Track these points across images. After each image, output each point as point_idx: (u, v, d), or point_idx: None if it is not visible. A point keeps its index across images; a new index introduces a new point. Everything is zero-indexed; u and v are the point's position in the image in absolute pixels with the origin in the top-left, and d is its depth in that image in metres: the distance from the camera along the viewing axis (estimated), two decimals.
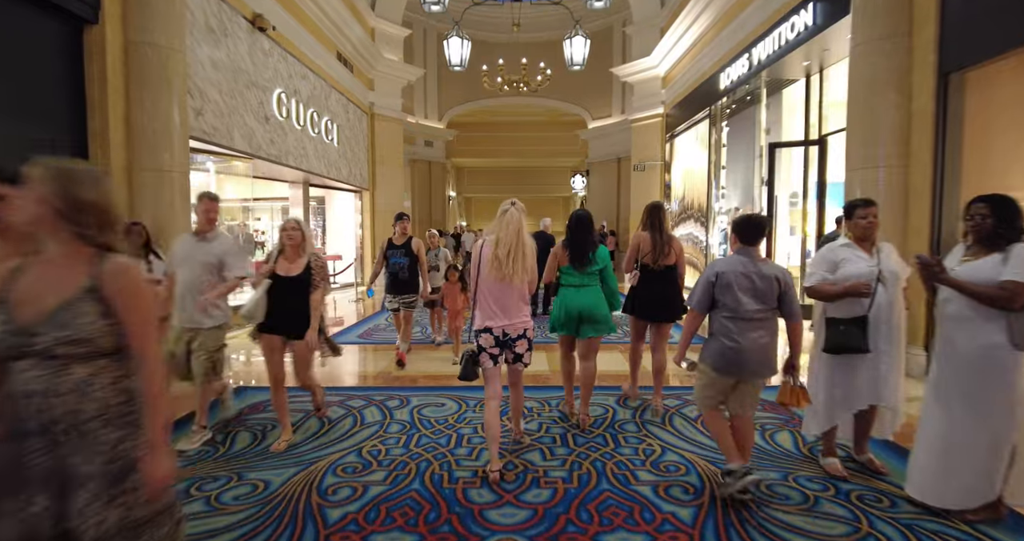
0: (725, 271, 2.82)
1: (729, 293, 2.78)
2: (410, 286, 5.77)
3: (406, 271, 5.70)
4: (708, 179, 10.64)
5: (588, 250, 3.77)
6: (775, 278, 2.80)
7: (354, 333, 7.64)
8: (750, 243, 2.87)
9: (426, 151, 19.64)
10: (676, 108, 12.68)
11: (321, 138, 10.50)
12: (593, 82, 19.16)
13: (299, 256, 3.57)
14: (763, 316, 2.79)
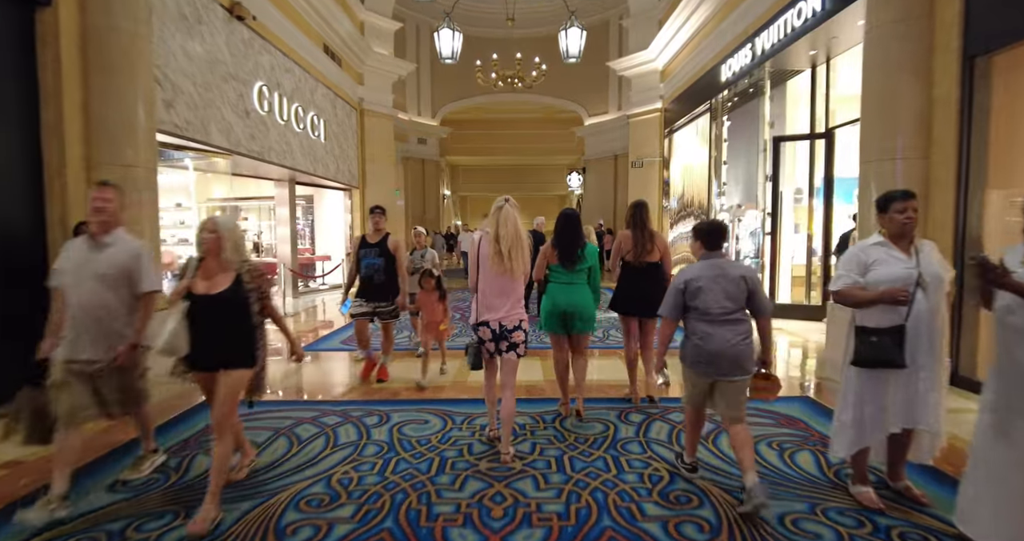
0: (693, 278, 2.88)
1: (699, 298, 2.85)
2: (387, 291, 4.99)
3: (382, 274, 4.95)
4: (709, 175, 10.25)
5: (576, 248, 3.82)
6: (742, 277, 2.84)
7: (338, 338, 7.22)
8: (714, 248, 2.94)
9: (419, 149, 19.21)
10: (675, 102, 12.28)
11: (307, 134, 10.07)
12: (589, 78, 18.76)
13: (223, 268, 2.76)
14: (734, 317, 2.82)
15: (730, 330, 2.80)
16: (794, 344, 6.73)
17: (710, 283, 2.82)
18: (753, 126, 9.26)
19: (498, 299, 3.27)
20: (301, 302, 10.57)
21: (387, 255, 4.95)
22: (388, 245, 4.97)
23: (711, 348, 2.80)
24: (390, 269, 4.97)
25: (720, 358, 2.79)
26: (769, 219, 8.46)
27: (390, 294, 5.00)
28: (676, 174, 12.38)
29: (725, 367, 2.81)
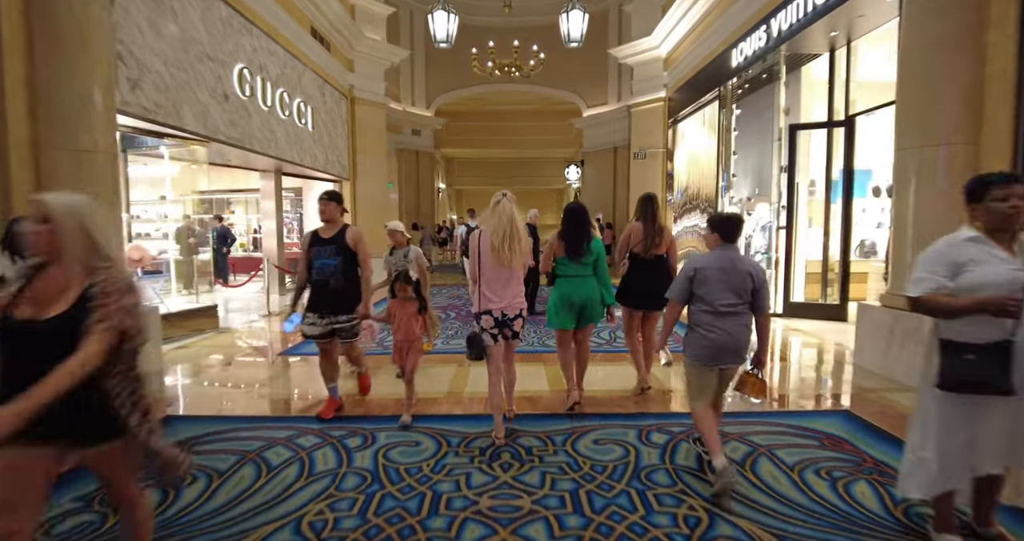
0: (703, 267, 2.89)
1: (706, 287, 2.87)
2: (346, 301, 3.81)
3: (340, 277, 3.77)
4: (716, 167, 9.72)
5: (583, 241, 3.83)
6: (749, 274, 2.86)
7: None
8: (730, 240, 2.94)
9: (413, 140, 18.58)
10: (679, 91, 11.72)
11: (293, 121, 9.46)
12: (588, 68, 18.17)
13: (64, 281, 1.72)
14: (736, 310, 2.86)
15: (732, 321, 2.86)
16: (815, 346, 6.23)
17: (718, 274, 2.85)
18: (765, 114, 8.73)
19: (500, 290, 3.41)
20: (288, 299, 9.99)
21: (345, 253, 3.80)
22: (347, 240, 3.80)
23: (714, 338, 2.86)
24: (350, 271, 3.83)
25: (722, 348, 2.86)
26: (784, 213, 7.94)
27: (351, 304, 3.83)
28: (680, 166, 11.85)
29: (725, 357, 2.88)
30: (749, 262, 2.95)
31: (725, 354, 2.88)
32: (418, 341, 3.86)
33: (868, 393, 4.42)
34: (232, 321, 7.91)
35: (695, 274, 2.90)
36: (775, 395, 4.56)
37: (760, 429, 3.62)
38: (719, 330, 2.85)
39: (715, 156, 9.94)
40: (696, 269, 2.90)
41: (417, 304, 3.85)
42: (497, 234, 3.32)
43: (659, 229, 4.26)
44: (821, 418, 3.86)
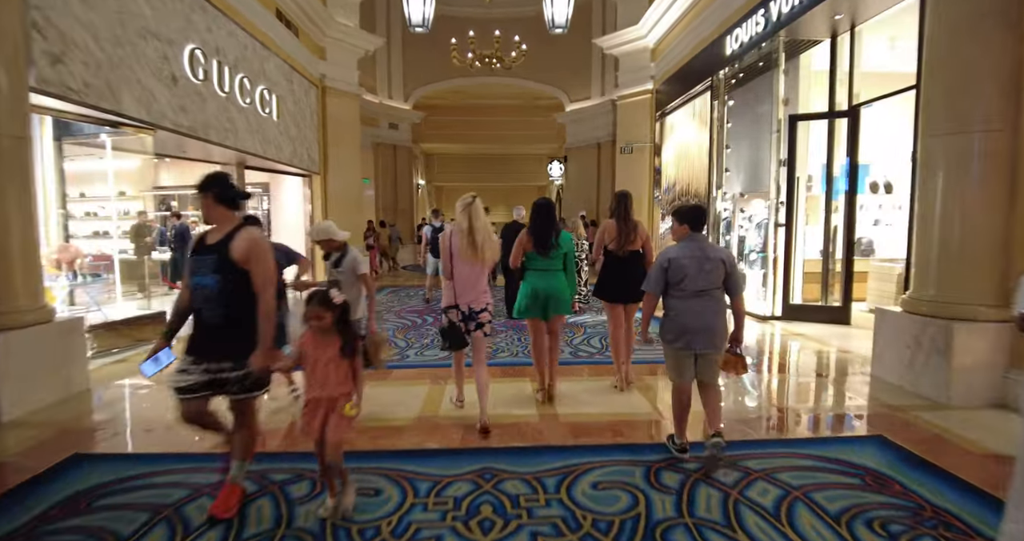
0: (677, 257, 2.96)
1: (680, 275, 2.94)
2: (231, 341, 2.50)
3: (217, 307, 2.50)
4: (709, 161, 9.19)
5: (551, 236, 3.90)
6: (721, 260, 2.95)
7: None
8: (696, 229, 3.03)
9: (391, 134, 17.80)
10: (667, 83, 11.18)
11: (255, 110, 8.67)
12: (571, 61, 17.58)
13: None
14: (709, 294, 2.94)
15: (704, 306, 2.93)
16: (822, 353, 5.70)
17: (692, 262, 2.92)
18: (761, 105, 8.21)
19: (468, 285, 3.56)
20: None
21: (228, 270, 2.46)
22: (231, 252, 2.46)
23: (687, 322, 2.94)
24: (235, 298, 2.48)
25: (695, 332, 2.93)
26: (782, 209, 7.43)
27: (240, 348, 2.47)
28: (668, 161, 11.31)
29: (700, 341, 2.94)
30: (719, 249, 3.07)
31: (698, 337, 2.94)
32: (342, 400, 2.45)
33: (898, 413, 3.88)
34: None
35: (670, 265, 2.96)
36: (796, 415, 4.01)
37: (787, 464, 3.05)
38: (692, 314, 2.94)
39: (706, 150, 9.41)
40: (670, 259, 2.97)
41: (340, 340, 2.48)
42: (472, 232, 3.49)
43: (633, 226, 4.32)
44: (854, 447, 3.30)
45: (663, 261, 2.99)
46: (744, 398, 4.45)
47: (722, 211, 9.09)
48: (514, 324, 7.05)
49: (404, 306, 8.86)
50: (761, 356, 5.83)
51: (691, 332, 2.93)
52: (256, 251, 2.47)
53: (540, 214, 3.99)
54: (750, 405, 4.32)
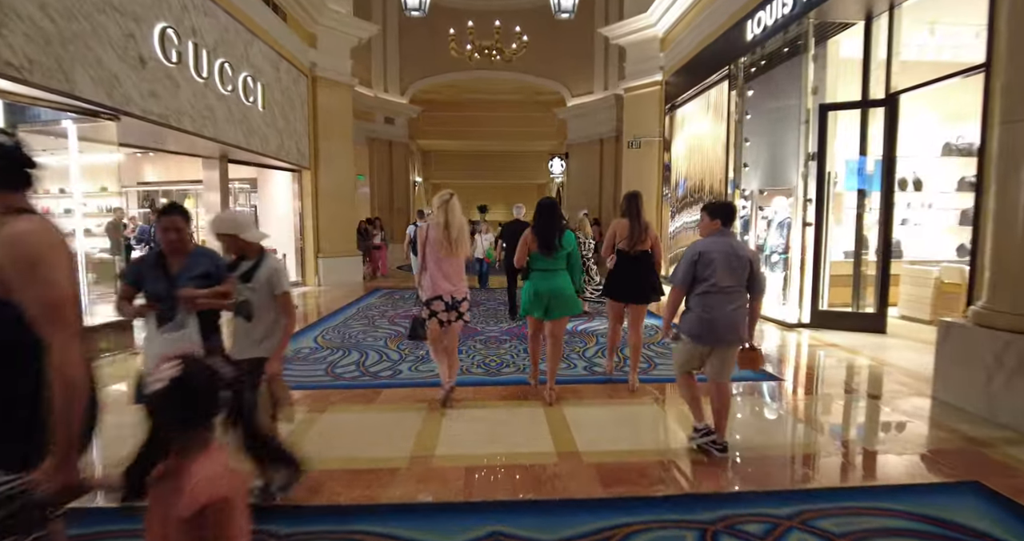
0: (708, 251, 2.94)
1: (710, 270, 2.92)
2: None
3: None
4: (726, 156, 8.54)
5: (555, 237, 3.88)
6: (748, 258, 2.96)
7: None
8: (727, 224, 3.04)
9: (387, 129, 17.10)
10: (679, 74, 10.51)
11: (238, 98, 7.98)
12: (573, 55, 16.93)
13: None
14: (734, 291, 2.94)
15: (730, 302, 2.93)
16: (863, 368, 5.04)
17: (722, 258, 2.90)
18: (784, 95, 7.56)
19: (449, 276, 3.76)
20: None
21: None
22: None
23: (713, 318, 2.92)
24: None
25: (720, 328, 2.92)
26: (810, 207, 6.78)
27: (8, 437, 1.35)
28: (679, 156, 10.66)
29: (724, 334, 2.94)
30: (747, 248, 3.08)
31: (719, 333, 2.94)
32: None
33: (985, 448, 3.24)
34: None
35: (700, 258, 2.94)
36: (864, 453, 3.37)
37: (874, 524, 2.40)
38: (717, 310, 2.91)
39: (722, 144, 8.76)
40: (701, 252, 2.95)
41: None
42: (448, 226, 3.67)
43: (644, 226, 4.30)
44: (946, 498, 2.66)
45: (693, 255, 2.97)
46: (796, 427, 3.80)
47: (740, 209, 8.43)
48: (518, 332, 6.40)
49: (398, 310, 8.18)
50: (799, 371, 5.18)
51: (715, 329, 2.93)
52: (23, 259, 1.30)
53: (543, 214, 3.96)
54: (804, 438, 3.67)
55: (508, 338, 6.20)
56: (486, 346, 5.82)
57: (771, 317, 7.26)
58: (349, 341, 6.08)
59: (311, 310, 8.29)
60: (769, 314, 7.43)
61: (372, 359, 5.29)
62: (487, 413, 3.89)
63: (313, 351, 5.64)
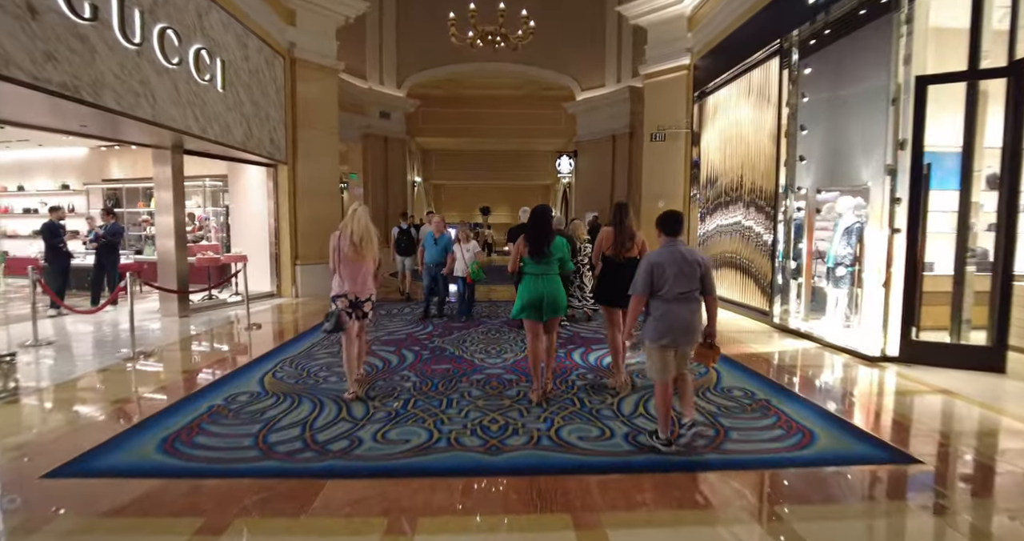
0: (660, 261, 3.11)
1: (663, 278, 3.09)
2: None
3: None
4: (776, 147, 6.98)
5: (544, 243, 4.00)
6: (697, 263, 3.11)
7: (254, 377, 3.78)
8: (674, 235, 3.19)
9: (382, 124, 15.58)
10: (711, 56, 8.98)
11: (188, 75, 6.48)
12: (583, 45, 15.40)
13: None
14: (689, 295, 3.10)
15: (685, 307, 3.10)
16: (1012, 432, 3.48)
17: (672, 266, 3.08)
18: (854, 71, 6.05)
19: (354, 278, 4.11)
20: (192, 324, 7.01)
21: None
22: None
23: (670, 322, 3.08)
24: None
25: (679, 330, 3.08)
26: (899, 207, 5.24)
27: None
28: (711, 149, 9.10)
29: (681, 338, 3.11)
30: (696, 252, 3.16)
31: (679, 335, 3.10)
32: None
33: None
34: (61, 372, 4.90)
35: (653, 269, 3.11)
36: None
37: None
38: (674, 315, 3.08)
39: (769, 134, 7.22)
40: (653, 264, 3.12)
41: None
42: (356, 234, 4.02)
43: (629, 234, 4.40)
44: None
45: (647, 266, 3.14)
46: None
47: (794, 211, 6.89)
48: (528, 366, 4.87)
49: (383, 332, 6.65)
50: (926, 441, 3.59)
51: (675, 331, 3.08)
52: None
53: (536, 221, 4.09)
54: None
55: (514, 377, 4.67)
56: (484, 393, 4.28)
57: (837, 345, 5.72)
58: (305, 381, 4.56)
59: (277, 330, 6.76)
60: (832, 340, 5.88)
61: (327, 415, 3.76)
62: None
63: (253, 399, 4.11)
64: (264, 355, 5.43)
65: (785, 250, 6.97)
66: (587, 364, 5.14)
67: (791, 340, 6.32)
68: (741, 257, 8.01)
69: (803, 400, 4.11)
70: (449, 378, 4.65)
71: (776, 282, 7.01)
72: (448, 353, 5.53)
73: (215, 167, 9.63)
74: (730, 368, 5.00)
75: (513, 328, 6.79)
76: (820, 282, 6.66)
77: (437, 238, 7.39)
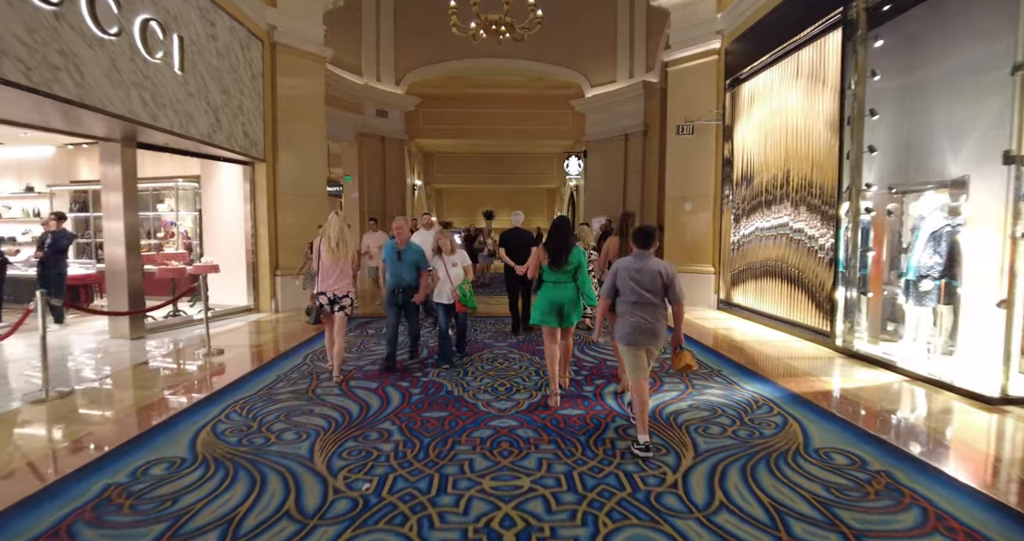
0: (625, 268, 3.29)
1: (626, 284, 3.26)
2: None
3: None
4: (839, 136, 5.76)
5: (564, 253, 4.07)
6: (659, 272, 3.22)
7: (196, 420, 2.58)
8: (645, 247, 3.30)
9: (379, 123, 14.43)
10: (745, 38, 7.78)
11: (134, 51, 5.31)
12: (593, 38, 14.27)
13: None
14: (650, 301, 3.21)
15: (648, 311, 3.22)
16: None
17: (636, 274, 3.24)
18: (945, 40, 4.86)
19: (331, 277, 4.48)
20: (143, 348, 5.80)
21: None
22: None
23: (633, 323, 3.22)
24: None
25: (639, 331, 3.21)
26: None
27: None
28: (747, 143, 7.89)
29: (644, 338, 3.21)
30: (659, 263, 3.27)
31: (642, 335, 3.20)
32: None
33: None
34: None
35: (617, 275, 3.30)
36: None
37: None
38: (637, 316, 3.22)
39: (827, 121, 6.01)
40: (618, 270, 3.31)
41: None
42: (331, 239, 4.41)
43: None
44: None
45: (613, 271, 3.33)
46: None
47: (863, 213, 5.66)
48: (547, 420, 3.64)
49: (367, 359, 5.42)
50: None
51: (638, 332, 3.20)
52: None
53: (556, 232, 4.15)
54: None
55: (533, 434, 3.45)
56: (492, 463, 3.06)
57: (930, 378, 4.48)
58: (252, 440, 3.34)
59: (241, 357, 5.55)
60: (920, 370, 4.64)
61: (266, 506, 2.55)
62: None
63: (172, 472, 2.90)
64: (212, 395, 4.22)
65: (850, 258, 5.74)
66: (627, 409, 3.91)
67: (865, 370, 5.08)
68: (788, 265, 6.77)
69: (942, 475, 2.87)
70: (444, 434, 3.43)
71: (840, 296, 5.78)
72: (444, 392, 4.31)
73: (192, 166, 8.47)
74: (810, 414, 3.77)
75: (525, 353, 5.58)
76: (902, 298, 5.43)
77: (401, 249, 4.90)
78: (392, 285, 4.94)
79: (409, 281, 4.93)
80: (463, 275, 5.00)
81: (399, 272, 4.91)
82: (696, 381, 4.60)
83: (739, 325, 7.35)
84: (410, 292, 4.95)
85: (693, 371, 4.27)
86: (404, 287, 4.93)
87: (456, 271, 4.98)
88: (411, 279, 4.94)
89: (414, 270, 4.94)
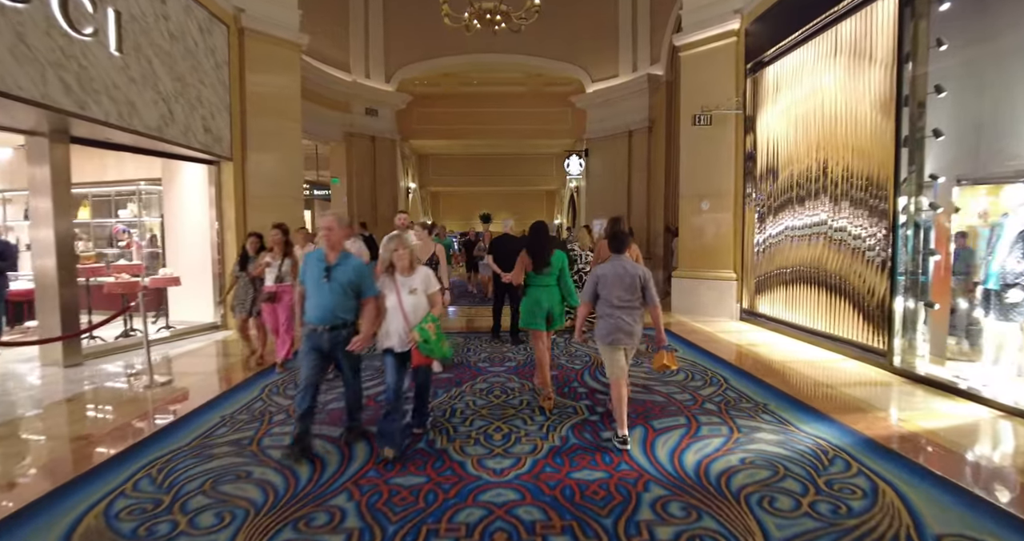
0: (605, 273, 3.34)
1: (607, 288, 3.32)
2: None
3: None
4: (896, 119, 4.81)
5: (545, 257, 4.09)
6: (637, 276, 3.29)
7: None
8: (620, 252, 3.39)
9: (368, 122, 13.49)
10: (769, 17, 6.85)
11: (49, 22, 4.37)
12: (593, 30, 13.38)
13: None
14: (629, 304, 3.30)
15: (627, 314, 3.29)
16: None
17: (615, 278, 3.30)
18: (1017, 4, 3.95)
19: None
20: (74, 379, 4.85)
21: None
22: None
23: (613, 324, 3.28)
24: None
25: (619, 332, 3.28)
26: None
27: None
28: (773, 133, 6.94)
29: (623, 338, 3.29)
30: (637, 267, 3.35)
31: (620, 335, 3.28)
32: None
33: None
34: None
35: (598, 280, 3.35)
36: None
37: None
38: (616, 318, 3.28)
39: (878, 102, 5.07)
40: (599, 276, 3.36)
41: None
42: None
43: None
44: None
45: (594, 277, 3.38)
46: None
47: (924, 210, 4.71)
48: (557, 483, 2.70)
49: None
50: None
51: (617, 332, 3.27)
52: None
53: (535, 238, 4.18)
54: None
55: (541, 518, 2.50)
56: None
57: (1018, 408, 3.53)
58: (156, 525, 2.40)
59: (187, 389, 4.58)
60: (1012, 401, 3.69)
61: None
62: None
63: None
64: (129, 450, 3.26)
65: (908, 262, 4.80)
66: (662, 468, 2.95)
67: (941, 399, 4.13)
68: (828, 271, 5.82)
69: None
70: (417, 516, 2.47)
71: (898, 307, 4.83)
72: (423, 443, 3.34)
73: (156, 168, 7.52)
74: (903, 473, 2.81)
75: (527, 382, 4.62)
76: (984, 318, 4.48)
77: (331, 265, 3.12)
78: (314, 320, 3.11)
79: (342, 315, 3.12)
80: (425, 307, 3.16)
81: (325, 301, 3.08)
82: (740, 420, 3.65)
83: (768, 338, 6.40)
84: (344, 332, 3.14)
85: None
86: (334, 325, 3.11)
87: (414, 301, 3.13)
88: (345, 311, 3.12)
89: (350, 297, 3.11)
